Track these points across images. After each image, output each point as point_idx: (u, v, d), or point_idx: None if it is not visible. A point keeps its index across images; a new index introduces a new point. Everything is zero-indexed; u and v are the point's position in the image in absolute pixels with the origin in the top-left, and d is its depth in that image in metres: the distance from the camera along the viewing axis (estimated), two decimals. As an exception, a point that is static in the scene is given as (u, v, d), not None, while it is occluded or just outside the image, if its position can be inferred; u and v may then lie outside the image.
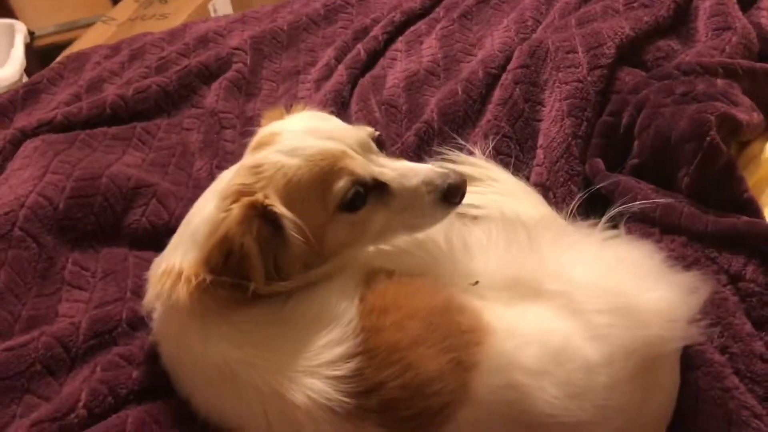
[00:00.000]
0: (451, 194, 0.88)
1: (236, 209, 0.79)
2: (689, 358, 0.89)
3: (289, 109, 1.00)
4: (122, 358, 0.96)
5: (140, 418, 0.87)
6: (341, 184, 0.83)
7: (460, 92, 1.36)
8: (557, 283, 0.84)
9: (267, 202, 0.80)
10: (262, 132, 0.93)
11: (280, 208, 0.80)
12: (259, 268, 0.80)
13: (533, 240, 0.90)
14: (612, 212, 1.04)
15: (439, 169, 0.90)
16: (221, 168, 1.25)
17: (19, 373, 0.93)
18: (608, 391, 0.77)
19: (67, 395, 0.89)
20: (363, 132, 0.90)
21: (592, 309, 0.81)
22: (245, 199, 0.80)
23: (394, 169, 0.89)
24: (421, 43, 1.64)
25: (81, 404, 0.87)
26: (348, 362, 0.75)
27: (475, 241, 0.90)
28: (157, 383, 0.92)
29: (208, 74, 1.66)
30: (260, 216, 0.80)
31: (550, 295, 0.83)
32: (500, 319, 0.79)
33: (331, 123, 0.92)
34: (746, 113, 1.13)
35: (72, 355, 0.97)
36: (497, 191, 1.16)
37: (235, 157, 1.38)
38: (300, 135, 0.86)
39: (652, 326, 0.82)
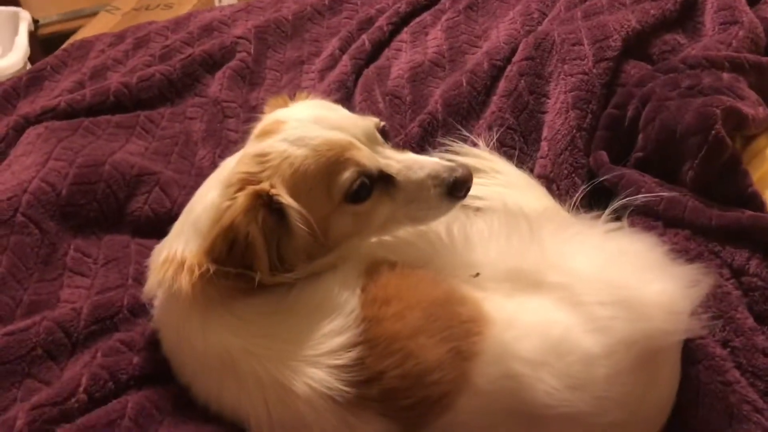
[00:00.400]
0: (456, 188, 0.88)
1: (241, 198, 0.79)
2: (691, 352, 0.89)
3: (292, 97, 0.99)
4: (123, 344, 0.96)
5: (140, 404, 0.87)
6: (347, 174, 0.83)
7: (464, 84, 1.36)
8: (558, 275, 0.84)
9: (273, 191, 0.80)
10: (266, 119, 0.93)
11: (286, 198, 0.80)
12: (263, 258, 0.80)
13: (535, 231, 0.90)
14: (615, 205, 1.04)
15: (446, 163, 0.90)
16: (224, 157, 1.24)
17: (20, 357, 0.93)
18: (608, 383, 0.77)
19: (68, 380, 0.89)
20: (369, 122, 0.90)
21: (593, 301, 0.81)
22: (251, 188, 0.80)
23: (400, 161, 0.88)
24: (427, 34, 1.63)
25: (81, 389, 0.87)
26: (349, 352, 0.75)
27: (476, 233, 0.90)
28: (157, 369, 0.92)
29: (211, 63, 1.66)
30: (266, 205, 0.80)
31: (551, 287, 0.82)
32: (500, 310, 0.80)
33: (338, 112, 0.92)
34: (752, 107, 1.13)
35: (73, 340, 0.97)
36: (501, 183, 1.16)
37: (238, 146, 1.38)
38: (306, 124, 0.86)
39: (654, 319, 0.81)
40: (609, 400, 0.77)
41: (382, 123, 0.93)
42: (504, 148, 1.25)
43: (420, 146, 1.29)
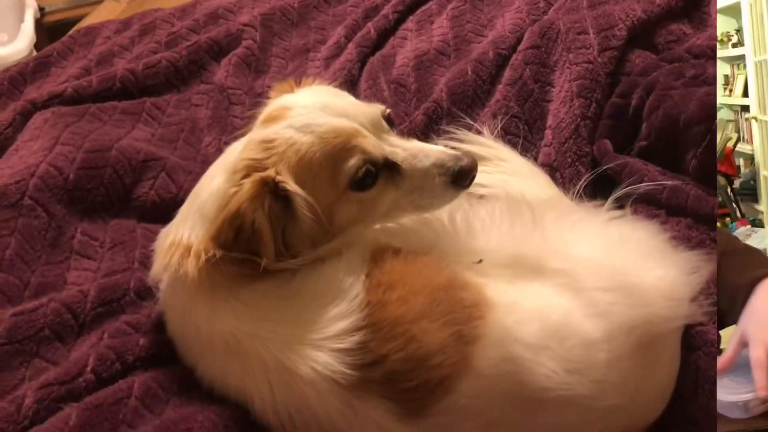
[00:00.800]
0: (461, 177, 0.88)
1: (248, 184, 0.79)
2: (690, 339, 0.89)
3: (298, 84, 1.00)
4: (129, 325, 0.97)
5: (146, 384, 0.87)
6: (353, 162, 0.83)
7: (469, 72, 1.36)
8: (560, 261, 0.84)
9: (279, 179, 0.80)
10: (272, 105, 0.93)
11: (292, 186, 0.80)
12: (269, 245, 0.80)
13: (537, 219, 0.90)
14: (618, 193, 1.03)
15: (451, 151, 0.90)
16: (229, 144, 1.25)
17: (28, 337, 0.94)
18: (607, 367, 0.78)
19: (75, 360, 0.90)
20: (375, 109, 0.90)
21: (594, 287, 0.81)
22: (257, 175, 0.80)
23: (406, 149, 0.88)
24: (432, 22, 1.63)
25: (89, 369, 0.88)
26: (353, 335, 0.76)
27: (479, 220, 0.90)
28: (163, 351, 0.93)
29: (217, 50, 1.67)
30: (271, 192, 0.80)
31: (552, 273, 0.83)
32: (502, 296, 0.80)
33: (344, 99, 0.91)
34: (756, 97, 1.13)
35: (80, 321, 0.98)
36: (505, 171, 1.16)
37: (243, 133, 1.39)
38: (312, 111, 0.85)
39: (654, 305, 0.82)
40: (608, 384, 0.78)
41: (388, 110, 0.93)
42: (508, 136, 1.25)
43: (424, 134, 1.29)
